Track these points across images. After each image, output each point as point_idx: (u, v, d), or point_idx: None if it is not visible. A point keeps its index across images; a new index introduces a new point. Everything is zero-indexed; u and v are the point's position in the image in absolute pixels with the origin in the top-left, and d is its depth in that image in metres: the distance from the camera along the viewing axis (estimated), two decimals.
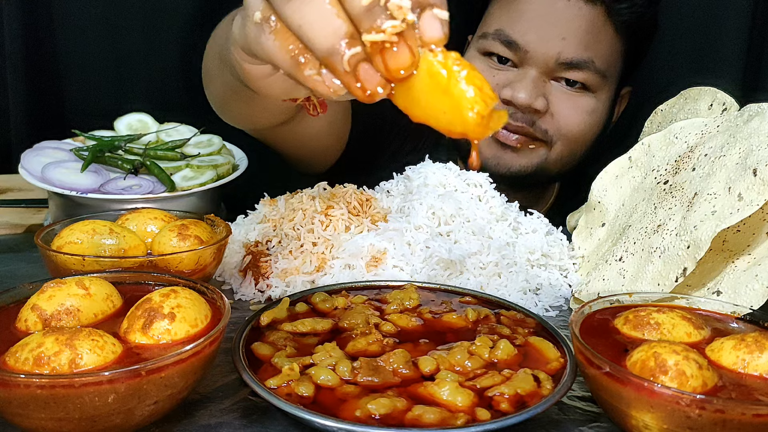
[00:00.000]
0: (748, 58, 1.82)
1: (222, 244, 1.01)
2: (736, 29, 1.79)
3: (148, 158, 1.25)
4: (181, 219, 1.04)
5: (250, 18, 0.63)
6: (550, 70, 1.41)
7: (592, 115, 1.47)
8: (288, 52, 0.61)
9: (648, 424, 0.72)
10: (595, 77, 1.43)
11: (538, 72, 1.41)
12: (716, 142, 1.04)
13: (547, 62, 1.40)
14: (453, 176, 1.20)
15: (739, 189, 0.95)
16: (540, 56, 1.40)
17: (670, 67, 1.78)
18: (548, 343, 0.85)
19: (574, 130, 1.47)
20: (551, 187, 1.68)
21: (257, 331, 0.86)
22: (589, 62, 1.41)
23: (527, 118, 1.43)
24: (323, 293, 0.95)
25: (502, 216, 1.14)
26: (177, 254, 0.94)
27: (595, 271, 1.09)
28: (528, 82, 1.40)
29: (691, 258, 0.96)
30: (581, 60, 1.40)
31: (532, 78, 1.41)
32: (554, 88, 1.44)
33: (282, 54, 0.61)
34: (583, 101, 1.45)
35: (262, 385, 0.74)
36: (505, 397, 0.75)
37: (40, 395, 0.65)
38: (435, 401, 0.74)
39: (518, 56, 1.42)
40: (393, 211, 1.17)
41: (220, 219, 1.06)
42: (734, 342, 0.79)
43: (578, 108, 1.45)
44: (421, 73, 0.58)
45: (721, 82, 1.22)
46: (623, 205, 1.16)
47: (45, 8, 1.79)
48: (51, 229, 0.98)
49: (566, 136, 1.47)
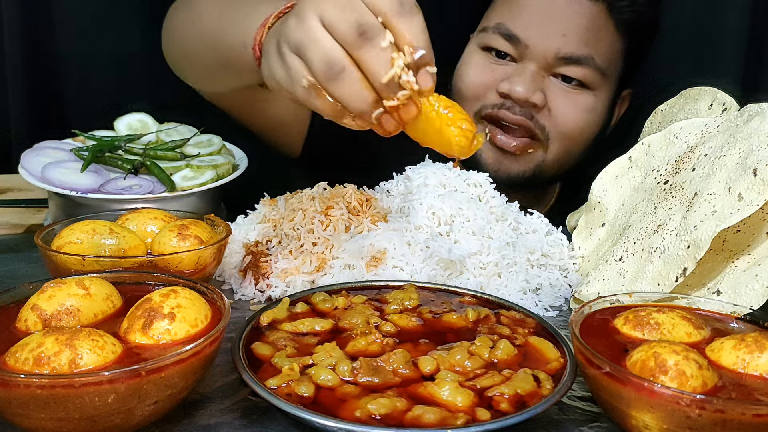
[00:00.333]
0: (748, 58, 1.81)
1: (222, 244, 1.01)
2: (736, 29, 1.79)
3: (148, 158, 1.25)
4: (181, 219, 1.04)
5: (298, 81, 0.82)
6: (549, 65, 1.41)
7: (590, 114, 1.47)
8: (331, 107, 0.82)
9: (648, 424, 0.72)
10: (595, 75, 1.42)
11: (537, 67, 1.41)
12: (716, 142, 1.04)
13: (546, 57, 1.40)
14: (453, 176, 1.20)
15: (739, 189, 0.95)
16: (540, 51, 1.40)
17: (670, 67, 1.78)
18: (548, 343, 0.85)
19: (571, 128, 1.46)
20: (552, 188, 1.68)
21: (257, 331, 0.86)
22: (589, 59, 1.40)
23: (526, 111, 1.42)
24: (323, 293, 0.95)
25: (502, 216, 1.14)
26: (177, 254, 0.94)
27: (595, 271, 1.09)
28: (526, 76, 1.40)
29: (691, 258, 0.96)
30: (581, 56, 1.40)
31: (531, 72, 1.41)
32: (552, 84, 1.43)
33: (325, 109, 0.83)
34: (581, 99, 1.45)
35: (262, 385, 0.74)
36: (505, 397, 0.75)
37: (40, 395, 0.65)
38: (435, 401, 0.74)
39: (518, 51, 1.42)
40: (393, 211, 1.17)
41: (220, 219, 1.06)
42: (734, 342, 0.79)
43: (576, 105, 1.44)
44: (422, 117, 0.82)
45: (721, 82, 1.22)
46: (623, 205, 1.16)
47: (45, 8, 1.79)
48: (51, 229, 0.98)
49: (563, 134, 1.46)
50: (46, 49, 1.81)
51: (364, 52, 0.77)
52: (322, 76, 0.79)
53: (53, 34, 1.81)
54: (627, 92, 1.58)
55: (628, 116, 1.55)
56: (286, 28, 0.82)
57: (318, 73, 0.79)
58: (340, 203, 1.14)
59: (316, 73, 0.79)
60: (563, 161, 1.50)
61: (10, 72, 1.78)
